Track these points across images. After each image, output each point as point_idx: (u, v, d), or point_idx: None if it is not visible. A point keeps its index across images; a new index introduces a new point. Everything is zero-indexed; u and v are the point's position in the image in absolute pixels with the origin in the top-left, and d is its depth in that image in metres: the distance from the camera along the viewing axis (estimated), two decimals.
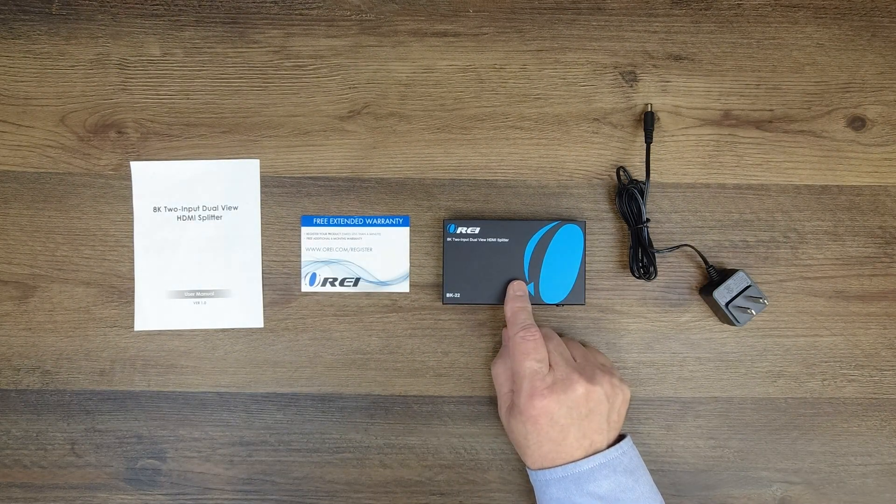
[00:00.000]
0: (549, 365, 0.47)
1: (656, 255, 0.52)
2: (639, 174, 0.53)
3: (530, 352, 0.46)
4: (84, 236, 0.53)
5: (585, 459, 0.45)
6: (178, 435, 0.54)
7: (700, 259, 0.53)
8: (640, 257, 0.52)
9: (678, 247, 0.53)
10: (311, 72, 0.54)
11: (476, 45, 0.54)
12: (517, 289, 0.50)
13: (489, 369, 0.53)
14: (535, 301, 0.51)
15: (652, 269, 0.51)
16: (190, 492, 0.54)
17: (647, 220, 0.52)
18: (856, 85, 0.54)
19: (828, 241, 0.54)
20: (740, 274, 0.51)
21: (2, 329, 0.53)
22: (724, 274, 0.52)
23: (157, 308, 0.53)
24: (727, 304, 0.50)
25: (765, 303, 0.50)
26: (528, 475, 0.50)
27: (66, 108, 0.53)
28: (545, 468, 0.46)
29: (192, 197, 0.54)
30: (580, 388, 0.45)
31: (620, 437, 0.48)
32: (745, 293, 0.50)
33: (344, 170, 0.54)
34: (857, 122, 0.54)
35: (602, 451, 0.46)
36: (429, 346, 0.54)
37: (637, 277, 0.52)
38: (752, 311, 0.50)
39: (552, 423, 0.45)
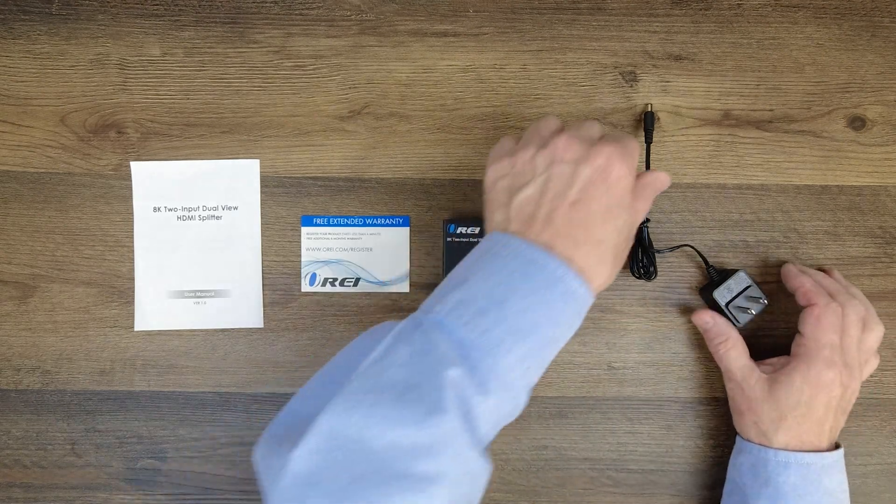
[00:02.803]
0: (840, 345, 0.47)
1: (656, 255, 0.52)
2: None
3: (835, 325, 0.47)
4: (84, 236, 0.53)
5: (830, 452, 0.47)
6: (178, 435, 0.54)
7: (700, 259, 0.53)
8: (641, 257, 0.52)
9: (678, 247, 0.53)
10: (311, 72, 0.54)
11: (476, 45, 0.54)
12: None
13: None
14: None
15: (652, 269, 0.51)
16: (190, 492, 0.54)
17: (648, 220, 0.51)
18: (856, 85, 0.54)
19: (828, 241, 0.54)
20: (741, 274, 0.50)
21: (2, 329, 0.53)
22: (725, 274, 0.51)
23: (157, 308, 0.53)
24: (727, 305, 0.50)
25: (764, 302, 0.50)
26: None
27: (66, 108, 0.53)
28: (790, 449, 0.46)
29: (192, 197, 0.54)
30: (857, 383, 0.47)
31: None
32: (745, 293, 0.50)
33: (344, 170, 0.54)
34: (857, 122, 0.54)
35: (830, 449, 0.48)
36: None
37: (637, 277, 0.52)
38: (752, 311, 0.50)
39: (828, 402, 0.46)
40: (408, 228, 0.54)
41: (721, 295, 0.51)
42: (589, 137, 0.40)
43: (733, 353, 0.49)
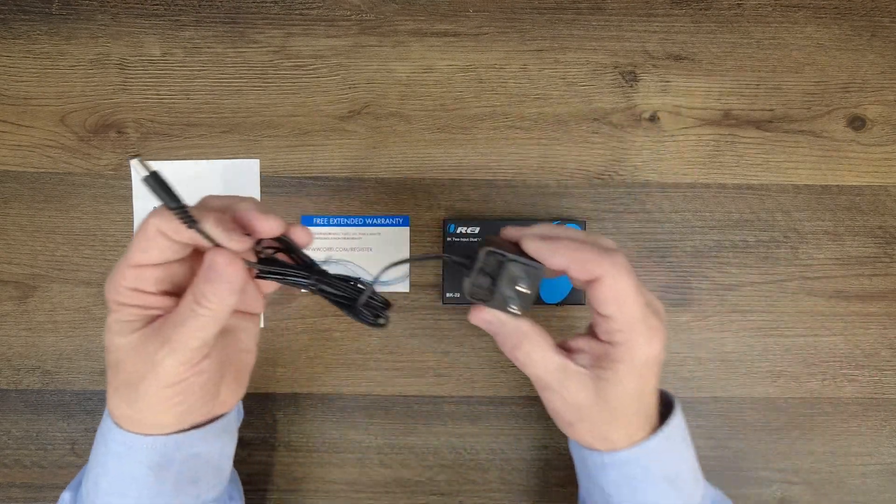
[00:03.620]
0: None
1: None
2: (638, 174, 0.54)
3: (636, 289, 0.35)
4: (84, 236, 0.53)
5: (671, 423, 0.39)
6: None
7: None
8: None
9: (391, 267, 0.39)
10: (311, 72, 0.54)
11: (476, 45, 0.54)
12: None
13: (490, 369, 0.51)
14: (535, 301, 0.50)
15: (383, 316, 0.38)
16: None
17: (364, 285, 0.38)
18: (856, 85, 0.54)
19: (828, 241, 0.54)
20: (483, 250, 0.36)
21: (2, 329, 0.53)
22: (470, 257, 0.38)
23: None
24: (493, 292, 0.36)
25: (539, 266, 0.36)
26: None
27: (66, 108, 0.53)
28: (635, 443, 0.38)
29: (192, 197, 0.53)
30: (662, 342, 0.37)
31: None
32: (507, 268, 0.36)
33: (344, 170, 0.54)
34: (857, 122, 0.54)
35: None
36: (429, 346, 0.54)
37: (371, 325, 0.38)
38: (526, 288, 0.36)
39: (658, 371, 0.37)
40: (408, 228, 0.54)
41: (477, 283, 0.36)
42: None
43: (536, 355, 0.37)
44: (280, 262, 0.36)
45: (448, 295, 0.51)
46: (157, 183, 0.31)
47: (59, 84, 0.53)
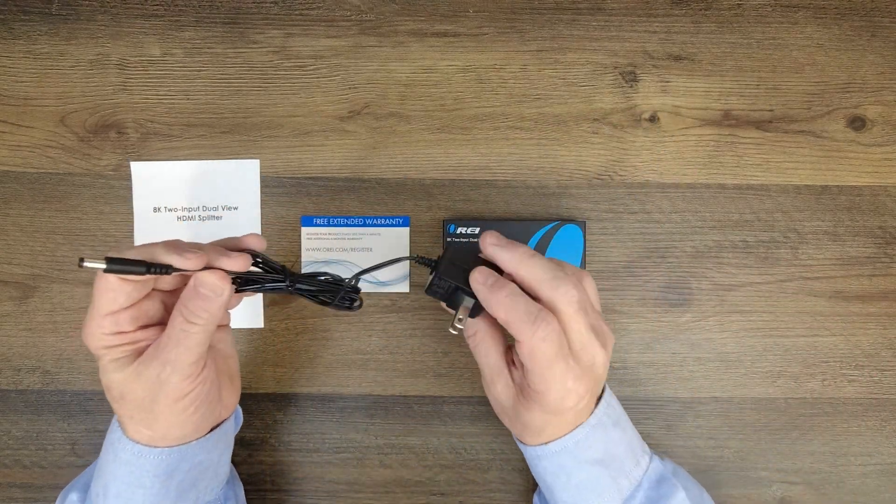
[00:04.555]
0: None
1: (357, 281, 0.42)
2: (638, 174, 0.54)
3: (556, 352, 0.37)
4: (84, 236, 0.53)
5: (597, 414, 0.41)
6: None
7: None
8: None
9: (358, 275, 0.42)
10: (311, 72, 0.54)
11: (476, 45, 0.54)
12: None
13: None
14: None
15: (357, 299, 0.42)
16: None
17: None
18: (856, 85, 0.54)
19: (828, 241, 0.54)
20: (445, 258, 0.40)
21: (2, 329, 0.53)
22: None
23: None
24: (448, 294, 0.40)
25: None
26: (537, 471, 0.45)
27: (66, 108, 0.53)
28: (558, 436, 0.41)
29: (192, 197, 0.54)
30: (602, 358, 0.39)
31: None
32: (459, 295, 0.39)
33: (344, 170, 0.54)
34: (857, 122, 0.54)
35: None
36: (429, 346, 0.54)
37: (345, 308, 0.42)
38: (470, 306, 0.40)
39: (578, 400, 0.39)
40: (408, 228, 0.54)
41: (438, 285, 0.40)
42: None
43: (482, 349, 0.41)
44: (254, 273, 0.40)
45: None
46: (118, 264, 0.34)
47: (59, 84, 0.53)
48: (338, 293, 0.41)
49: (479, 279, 0.38)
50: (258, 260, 0.40)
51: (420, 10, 0.54)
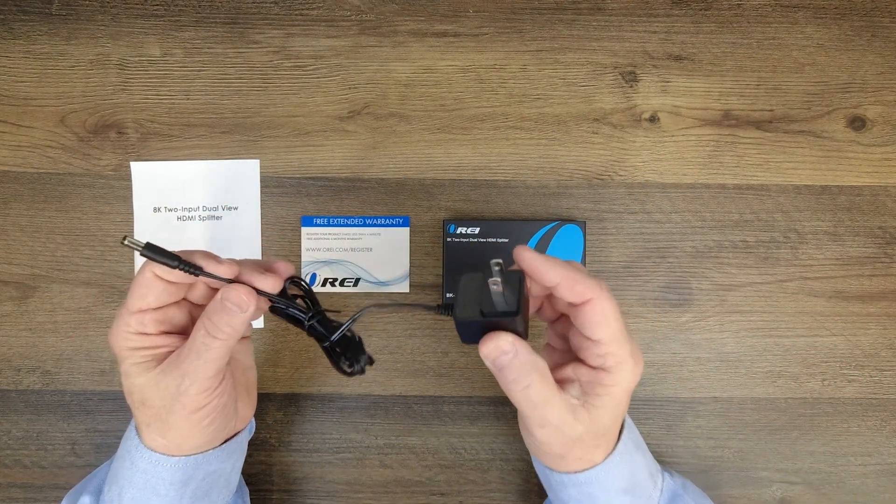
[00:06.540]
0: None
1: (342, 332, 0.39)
2: (638, 174, 0.54)
3: (618, 313, 0.35)
4: (84, 236, 0.53)
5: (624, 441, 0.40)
6: None
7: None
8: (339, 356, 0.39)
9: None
10: (311, 72, 0.54)
11: (476, 45, 0.54)
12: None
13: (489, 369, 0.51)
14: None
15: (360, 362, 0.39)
16: None
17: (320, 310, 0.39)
18: (856, 85, 0.54)
19: (828, 241, 0.54)
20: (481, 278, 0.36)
21: (2, 329, 0.53)
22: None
23: None
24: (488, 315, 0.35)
25: (516, 273, 0.36)
26: (547, 478, 0.43)
27: (66, 108, 0.53)
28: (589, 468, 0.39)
29: (192, 197, 0.54)
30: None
31: None
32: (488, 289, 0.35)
33: (344, 170, 0.54)
34: (857, 122, 0.54)
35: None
36: (429, 346, 0.54)
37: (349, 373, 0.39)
38: (508, 292, 0.34)
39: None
40: (408, 228, 0.54)
41: (464, 312, 0.35)
42: None
43: (546, 393, 0.35)
44: (279, 299, 0.39)
45: (448, 295, 0.51)
46: (153, 251, 0.35)
47: (59, 84, 0.53)
48: (347, 351, 0.39)
49: (525, 257, 0.35)
50: (302, 286, 0.40)
51: (420, 10, 0.54)
